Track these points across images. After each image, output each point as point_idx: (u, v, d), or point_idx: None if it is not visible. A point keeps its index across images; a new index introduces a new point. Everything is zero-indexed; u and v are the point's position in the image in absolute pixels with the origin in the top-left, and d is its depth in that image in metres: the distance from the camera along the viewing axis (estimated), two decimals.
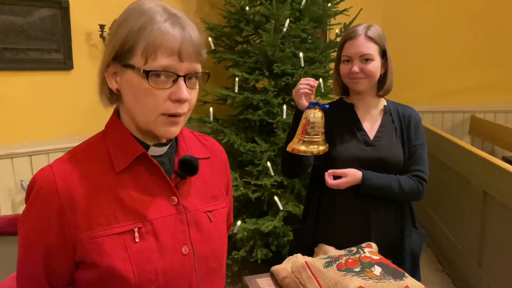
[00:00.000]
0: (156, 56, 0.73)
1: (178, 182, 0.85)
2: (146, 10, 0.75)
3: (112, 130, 0.83)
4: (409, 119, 1.50)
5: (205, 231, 0.85)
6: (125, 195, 0.78)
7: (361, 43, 1.41)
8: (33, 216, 0.77)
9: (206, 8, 3.26)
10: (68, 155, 0.81)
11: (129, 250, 0.76)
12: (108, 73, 0.79)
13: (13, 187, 2.54)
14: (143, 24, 0.74)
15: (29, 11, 2.52)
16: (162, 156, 0.84)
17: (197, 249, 0.83)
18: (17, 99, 2.57)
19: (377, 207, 1.44)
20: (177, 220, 0.82)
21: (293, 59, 2.68)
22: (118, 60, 0.77)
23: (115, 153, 0.80)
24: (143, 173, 0.81)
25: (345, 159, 1.43)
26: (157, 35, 0.73)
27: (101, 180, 0.78)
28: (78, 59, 2.73)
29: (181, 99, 0.76)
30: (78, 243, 0.75)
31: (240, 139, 2.68)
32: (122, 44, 0.75)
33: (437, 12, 3.88)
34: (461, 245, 2.68)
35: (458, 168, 2.74)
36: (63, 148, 2.69)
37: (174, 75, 0.75)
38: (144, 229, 0.78)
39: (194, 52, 0.76)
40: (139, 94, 0.76)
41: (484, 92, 3.97)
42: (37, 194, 0.77)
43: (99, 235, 0.75)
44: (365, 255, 1.15)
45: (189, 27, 0.77)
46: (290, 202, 2.62)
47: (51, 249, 0.77)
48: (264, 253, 2.58)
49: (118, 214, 0.77)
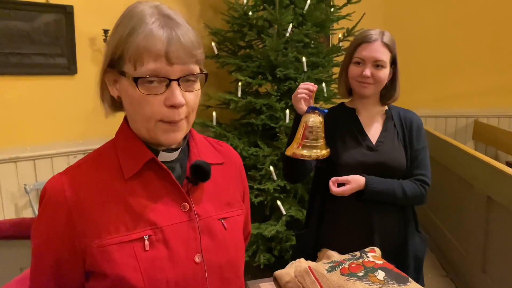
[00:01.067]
0: (143, 61, 0.71)
1: (189, 188, 0.81)
2: (137, 13, 0.73)
3: (122, 137, 0.81)
4: (411, 123, 1.50)
5: (219, 239, 0.82)
6: (134, 202, 0.76)
7: (377, 48, 1.40)
8: (43, 225, 0.77)
9: (209, 13, 3.28)
10: (78, 163, 0.80)
11: (139, 258, 0.74)
12: (109, 80, 0.78)
13: (16, 191, 2.55)
14: (131, 29, 0.72)
15: (33, 17, 2.54)
16: (173, 161, 0.82)
17: (211, 257, 0.80)
18: (21, 104, 2.58)
19: (380, 211, 1.44)
20: (189, 227, 0.79)
21: (296, 63, 2.68)
22: (114, 67, 0.76)
23: (124, 159, 0.79)
24: (153, 179, 0.79)
25: (347, 164, 1.43)
26: (142, 38, 0.70)
27: (111, 187, 0.77)
28: (82, 64, 2.75)
29: (175, 105, 0.73)
30: (88, 252, 0.74)
31: (243, 143, 2.68)
32: (114, 51, 0.74)
33: (439, 16, 3.88)
34: (465, 250, 2.67)
35: (462, 173, 2.73)
36: (67, 152, 2.71)
37: (166, 80, 0.72)
38: (154, 236, 0.75)
39: (184, 54, 0.72)
40: (134, 101, 0.74)
41: (487, 96, 3.96)
42: (47, 203, 0.76)
43: (108, 243, 0.73)
44: (368, 260, 1.14)
45: (180, 27, 0.73)
46: (293, 207, 2.62)
47: (61, 259, 0.76)
48: (267, 258, 2.57)
49: (127, 222, 0.75)
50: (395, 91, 1.48)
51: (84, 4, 2.70)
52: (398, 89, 1.49)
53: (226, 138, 2.68)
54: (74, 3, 2.65)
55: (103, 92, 0.81)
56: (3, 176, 2.50)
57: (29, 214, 2.61)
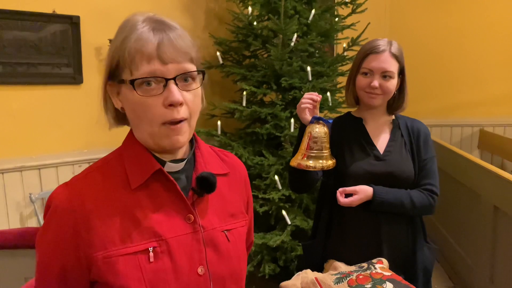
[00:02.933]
0: (137, 65, 0.72)
1: (195, 199, 0.82)
2: (130, 22, 0.75)
3: (129, 147, 0.82)
4: (418, 133, 1.49)
5: (223, 251, 0.82)
6: (140, 213, 0.76)
7: (385, 59, 1.40)
8: (49, 235, 0.77)
9: (214, 24, 3.30)
10: (84, 173, 0.80)
11: (144, 270, 0.74)
12: (112, 92, 0.79)
13: (21, 200, 2.55)
14: (124, 37, 0.74)
15: (40, 27, 2.56)
16: (179, 172, 0.82)
17: (214, 269, 0.80)
18: (27, 113, 2.60)
19: (388, 222, 1.43)
20: (193, 239, 0.79)
21: (301, 73, 2.68)
22: (113, 78, 0.77)
23: (131, 169, 0.79)
24: (159, 190, 0.79)
25: (355, 174, 1.42)
26: (133, 43, 0.72)
27: (117, 198, 0.77)
28: (88, 73, 2.76)
29: (173, 102, 0.73)
30: (93, 263, 0.74)
31: (247, 152, 2.67)
32: (111, 61, 0.76)
33: (444, 26, 3.88)
34: (472, 261, 2.63)
35: (468, 182, 2.71)
36: (72, 161, 2.71)
37: (163, 80, 0.73)
38: (159, 248, 0.76)
39: (176, 52, 0.73)
40: (135, 106, 0.75)
41: (493, 105, 3.94)
42: (53, 213, 0.76)
43: (113, 254, 0.73)
44: (376, 271, 1.13)
45: (172, 29, 0.75)
46: (298, 216, 2.60)
47: (66, 269, 0.75)
48: (272, 268, 2.55)
49: (133, 233, 0.75)
50: (403, 101, 1.48)
51: (90, 15, 2.72)
52: (406, 99, 1.48)
53: (231, 147, 2.68)
54: (80, 14, 2.68)
55: (107, 105, 0.82)
56: (9, 185, 2.50)
57: (34, 223, 2.61)
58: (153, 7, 2.74)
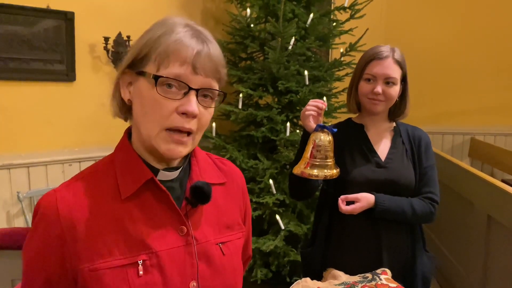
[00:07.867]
0: (169, 64, 0.70)
1: (188, 210, 0.78)
2: (169, 22, 0.75)
3: (121, 153, 0.78)
4: (419, 141, 1.49)
5: (217, 265, 0.78)
6: (130, 224, 0.73)
7: (389, 65, 1.39)
8: (35, 243, 0.73)
9: (210, 23, 3.27)
10: (74, 179, 0.77)
11: (132, 284, 0.70)
12: (124, 82, 0.77)
13: (9, 199, 2.49)
14: (162, 33, 0.72)
15: (33, 22, 2.50)
16: (173, 181, 0.78)
17: (207, 284, 0.76)
18: (17, 109, 2.53)
19: (389, 230, 1.41)
20: (186, 253, 0.75)
21: (298, 76, 2.67)
22: (133, 67, 0.75)
23: (122, 177, 0.75)
24: (150, 200, 0.75)
25: (357, 181, 1.40)
26: (172, 42, 0.71)
27: (106, 207, 0.73)
28: (81, 71, 2.71)
29: (188, 112, 0.71)
30: (79, 275, 0.70)
31: (242, 155, 2.64)
32: (139, 51, 0.74)
33: (438, 33, 3.92)
34: (465, 270, 2.64)
35: (461, 190, 2.72)
36: (62, 160, 2.65)
37: (185, 87, 0.71)
38: (149, 261, 0.72)
39: (210, 67, 0.72)
40: (147, 102, 0.72)
41: (484, 114, 3.99)
42: (40, 220, 0.73)
43: (101, 267, 0.70)
44: (381, 283, 1.11)
45: (211, 42, 0.75)
46: (292, 222, 2.58)
47: (51, 279, 0.72)
48: (264, 273, 2.52)
49: (121, 245, 0.72)
50: (405, 108, 1.47)
51: (85, 11, 2.67)
52: (408, 106, 1.47)
53: (225, 150, 2.65)
54: (75, 10, 2.62)
55: (115, 94, 0.79)
56: None
57: (22, 223, 2.54)
58: (150, 4, 2.69)
